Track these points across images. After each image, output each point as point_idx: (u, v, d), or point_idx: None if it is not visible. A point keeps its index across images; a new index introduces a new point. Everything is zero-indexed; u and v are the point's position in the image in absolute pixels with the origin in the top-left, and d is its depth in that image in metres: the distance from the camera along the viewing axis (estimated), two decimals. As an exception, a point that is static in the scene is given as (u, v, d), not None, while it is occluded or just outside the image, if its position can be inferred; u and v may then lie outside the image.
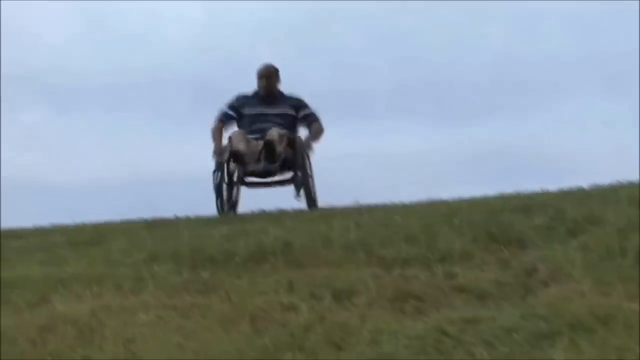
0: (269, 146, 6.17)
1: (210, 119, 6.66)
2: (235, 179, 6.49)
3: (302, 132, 6.74)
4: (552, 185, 5.46)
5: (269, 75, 6.74)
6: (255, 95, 6.76)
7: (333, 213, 5.41)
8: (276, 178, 6.64)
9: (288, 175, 6.49)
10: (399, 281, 2.82)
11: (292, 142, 6.41)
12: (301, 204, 6.37)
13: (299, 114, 6.71)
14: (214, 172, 6.27)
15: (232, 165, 6.31)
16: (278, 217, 5.59)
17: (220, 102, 6.73)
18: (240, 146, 6.25)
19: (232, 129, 6.67)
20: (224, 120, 6.68)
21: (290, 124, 6.62)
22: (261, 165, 6.24)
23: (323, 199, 6.44)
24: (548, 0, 12.80)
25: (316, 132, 6.66)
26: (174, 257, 3.59)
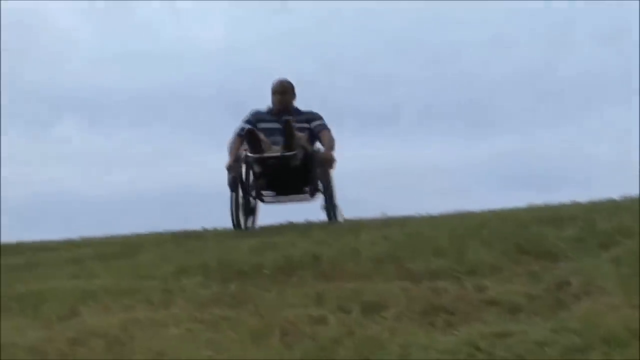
0: (287, 125, 6.00)
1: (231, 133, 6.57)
2: (253, 193, 6.34)
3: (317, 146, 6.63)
4: (582, 197, 5.42)
5: (283, 91, 6.61)
6: (270, 111, 6.61)
7: (361, 225, 5.40)
8: (296, 197, 6.47)
9: (306, 187, 6.33)
10: (428, 294, 2.80)
11: (311, 142, 6.32)
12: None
13: (311, 125, 6.52)
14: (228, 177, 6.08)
15: (249, 157, 6.11)
16: (306, 229, 5.58)
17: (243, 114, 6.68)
18: (260, 134, 6.15)
19: None
20: (242, 134, 6.45)
21: (306, 137, 6.43)
22: (279, 152, 6.04)
23: (350, 212, 6.40)
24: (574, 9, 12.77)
25: (328, 142, 6.42)
26: (203, 270, 3.60)
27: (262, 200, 6.52)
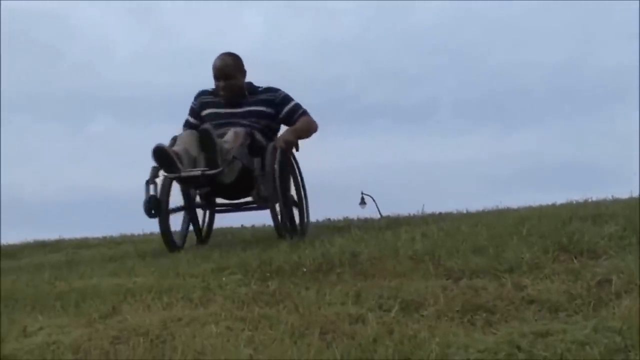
0: (205, 136, 4.59)
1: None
2: (198, 200, 5.29)
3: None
4: (622, 193, 5.38)
5: (226, 75, 5.19)
6: (217, 92, 5.32)
7: (399, 222, 5.40)
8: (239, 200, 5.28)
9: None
10: (467, 293, 2.79)
11: (254, 141, 4.94)
12: (365, 211, 6.31)
13: (279, 112, 5.22)
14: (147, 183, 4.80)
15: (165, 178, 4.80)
16: (344, 226, 5.60)
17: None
18: (177, 147, 4.74)
19: None
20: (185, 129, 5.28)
21: (264, 124, 5.18)
22: (198, 171, 4.65)
23: (388, 208, 6.37)
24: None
25: (303, 125, 5.16)
26: (242, 267, 3.62)
27: (214, 210, 5.49)
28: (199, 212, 5.42)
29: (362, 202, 26.82)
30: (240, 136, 4.81)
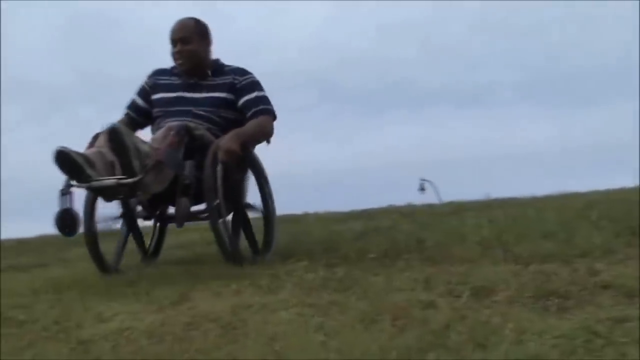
0: (113, 137, 3.51)
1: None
2: (140, 211, 4.21)
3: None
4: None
5: (183, 38, 4.12)
6: (175, 72, 4.26)
7: (463, 208, 5.37)
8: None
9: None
10: (538, 278, 2.76)
11: (193, 138, 3.84)
12: (424, 197, 6.25)
13: (239, 99, 4.10)
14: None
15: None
16: (408, 212, 5.57)
17: (338, 98, 6.36)
18: (90, 150, 3.67)
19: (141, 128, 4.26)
20: (128, 113, 4.29)
21: (224, 116, 4.09)
22: (113, 179, 3.54)
23: (449, 195, 6.32)
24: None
25: (254, 128, 3.99)
26: (308, 254, 3.62)
27: (162, 221, 4.37)
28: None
29: (421, 188, 26.63)
30: (170, 134, 3.75)
